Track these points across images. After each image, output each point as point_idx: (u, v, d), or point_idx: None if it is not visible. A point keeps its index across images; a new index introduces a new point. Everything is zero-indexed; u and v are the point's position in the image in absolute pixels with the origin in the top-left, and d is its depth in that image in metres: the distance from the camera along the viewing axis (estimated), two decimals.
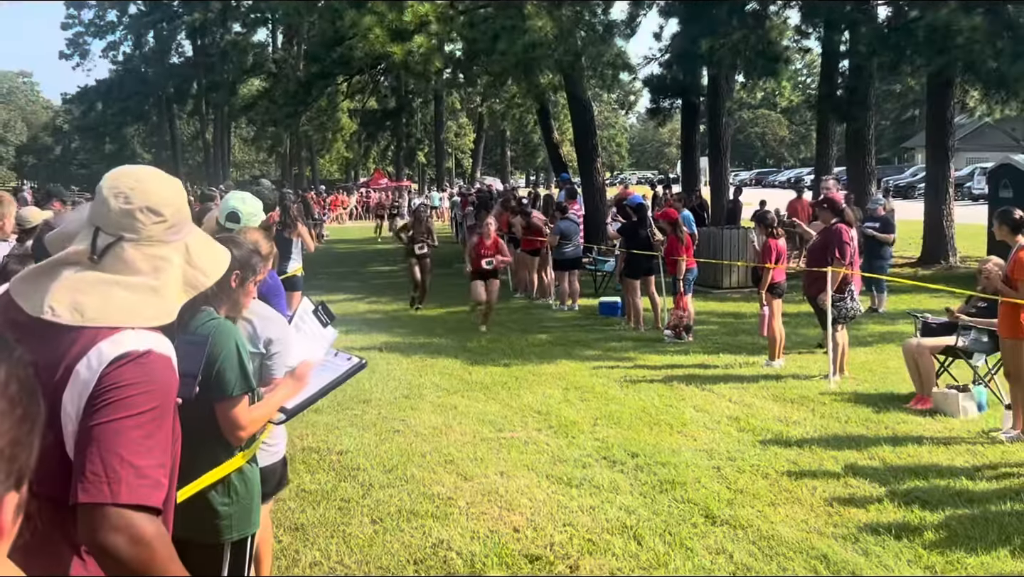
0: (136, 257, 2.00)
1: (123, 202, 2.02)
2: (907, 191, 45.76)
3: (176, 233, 2.08)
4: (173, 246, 2.07)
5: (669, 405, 8.79)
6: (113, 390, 1.81)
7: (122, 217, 2.01)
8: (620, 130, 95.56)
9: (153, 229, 2.03)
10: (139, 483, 1.77)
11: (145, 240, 2.02)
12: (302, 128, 44.44)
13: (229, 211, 5.36)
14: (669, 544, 5.43)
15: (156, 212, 2.04)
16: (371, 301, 17.13)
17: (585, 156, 23.22)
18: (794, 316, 12.92)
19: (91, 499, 1.73)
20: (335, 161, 65.50)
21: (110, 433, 1.78)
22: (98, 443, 1.77)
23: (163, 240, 2.05)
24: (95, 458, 1.76)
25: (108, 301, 1.92)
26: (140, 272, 1.99)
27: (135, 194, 2.03)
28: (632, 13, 22.44)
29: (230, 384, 3.10)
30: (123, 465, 1.76)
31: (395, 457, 7.17)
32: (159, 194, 2.06)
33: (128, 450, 1.77)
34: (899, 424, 8.05)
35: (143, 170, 2.14)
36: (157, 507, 1.80)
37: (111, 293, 1.93)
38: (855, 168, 21.11)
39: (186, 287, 2.07)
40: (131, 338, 1.88)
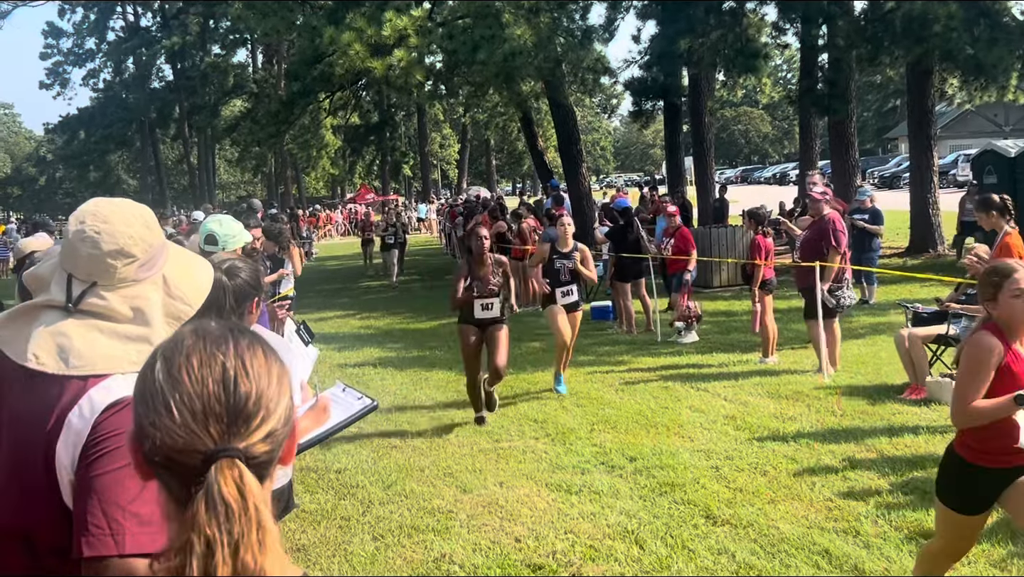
0: (113, 301, 1.97)
1: (91, 247, 1.97)
2: (892, 181, 45.94)
3: (150, 268, 2.04)
4: (150, 281, 2.03)
5: (665, 407, 8.80)
6: (108, 439, 1.79)
7: (92, 264, 1.97)
8: (604, 134, 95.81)
9: (125, 271, 1.99)
10: (142, 531, 1.75)
11: (119, 282, 1.98)
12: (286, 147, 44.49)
13: (207, 234, 5.35)
14: (671, 547, 5.43)
15: (126, 254, 1.99)
16: (363, 317, 17.11)
17: (570, 161, 23.24)
18: (785, 312, 12.94)
19: (96, 553, 1.73)
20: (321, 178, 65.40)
21: (109, 484, 1.76)
22: (98, 495, 1.75)
23: (137, 279, 2.01)
24: (96, 511, 1.74)
25: (92, 348, 1.89)
26: (120, 316, 1.96)
27: (102, 238, 1.98)
28: (610, 17, 22.49)
29: None
30: (125, 516, 1.75)
31: (393, 473, 7.16)
32: (126, 234, 2.00)
33: (128, 499, 1.76)
34: (895, 415, 8.07)
35: (108, 207, 2.06)
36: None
37: (94, 340, 1.90)
38: (839, 161, 21.18)
39: (169, 320, 2.03)
40: (121, 384, 1.86)
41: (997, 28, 16.32)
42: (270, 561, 1.10)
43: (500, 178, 79.38)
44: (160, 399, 1.17)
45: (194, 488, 1.12)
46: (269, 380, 1.22)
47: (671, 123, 25.06)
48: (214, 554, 1.08)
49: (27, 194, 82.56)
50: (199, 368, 1.18)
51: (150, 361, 1.23)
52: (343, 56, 18.95)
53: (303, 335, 4.40)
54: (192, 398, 1.16)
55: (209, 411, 1.16)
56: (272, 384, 1.22)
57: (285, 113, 26.26)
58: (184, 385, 1.17)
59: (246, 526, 1.10)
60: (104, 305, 1.96)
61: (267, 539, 1.11)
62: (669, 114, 24.61)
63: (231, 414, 1.16)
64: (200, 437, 1.15)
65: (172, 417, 1.15)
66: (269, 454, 1.20)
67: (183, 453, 1.15)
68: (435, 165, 67.03)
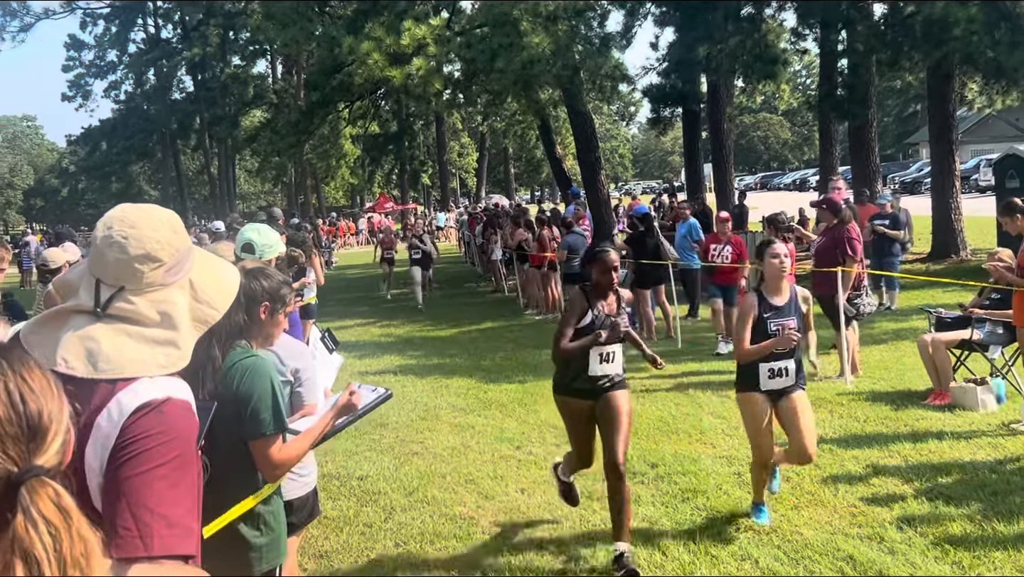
0: (141, 305, 1.98)
1: (118, 252, 1.99)
2: (913, 186, 45.68)
3: (177, 272, 2.06)
4: (176, 286, 2.05)
5: (687, 413, 8.77)
6: (136, 442, 1.81)
7: (120, 268, 1.99)
8: (622, 141, 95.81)
9: (152, 276, 2.01)
10: (171, 533, 1.77)
11: (146, 287, 2.00)
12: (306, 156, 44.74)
13: (244, 242, 5.38)
14: (694, 553, 5.42)
15: (153, 258, 2.01)
16: (383, 325, 17.15)
17: (589, 169, 23.25)
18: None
19: (125, 554, 1.74)
20: (340, 188, 65.73)
21: (137, 486, 1.78)
22: (127, 497, 1.77)
23: (165, 283, 2.03)
24: (125, 513, 1.76)
25: (120, 353, 1.91)
26: (148, 320, 1.97)
27: (130, 243, 2.00)
28: (628, 24, 22.52)
29: (265, 423, 3.10)
30: (154, 517, 1.76)
31: (415, 480, 7.17)
32: (154, 239, 2.02)
33: (157, 501, 1.78)
34: (918, 421, 8.02)
35: (136, 213, 2.08)
36: (191, 554, 1.81)
37: (122, 344, 1.92)
38: (860, 166, 21.09)
39: (196, 324, 2.05)
40: (149, 387, 1.88)
41: (1018, 31, 16.20)
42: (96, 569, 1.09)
43: (519, 186, 79.46)
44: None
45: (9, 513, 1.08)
46: (52, 393, 1.20)
47: (690, 130, 25.05)
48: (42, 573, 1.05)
49: (50, 205, 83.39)
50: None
51: None
52: (362, 66, 19.06)
53: (327, 343, 4.42)
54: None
55: (5, 435, 1.13)
56: (55, 397, 1.20)
57: (305, 123, 26.38)
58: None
59: (71, 542, 1.07)
60: (132, 309, 1.97)
61: (90, 549, 1.08)
62: (688, 121, 24.60)
63: (28, 433, 1.14)
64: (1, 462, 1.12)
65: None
66: (59, 464, 1.19)
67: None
68: (454, 174, 67.18)
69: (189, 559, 1.81)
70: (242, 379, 3.10)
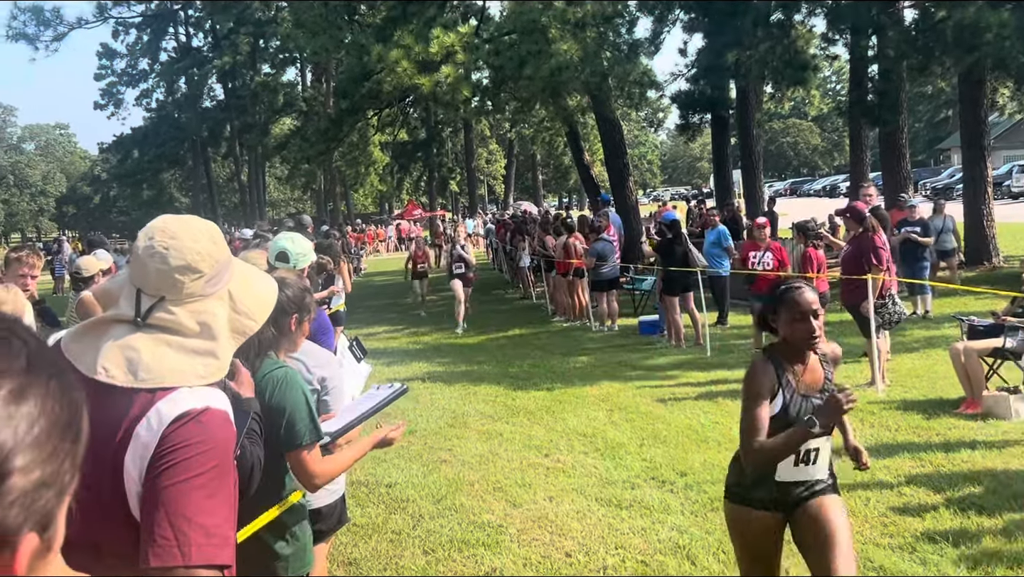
0: (181, 316, 2.01)
1: (159, 263, 2.02)
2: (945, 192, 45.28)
3: (217, 283, 2.08)
4: (216, 297, 2.07)
5: (716, 422, 8.73)
6: (175, 451, 1.83)
7: (161, 279, 2.02)
8: (651, 147, 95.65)
9: (193, 286, 2.03)
10: (208, 543, 1.78)
11: (187, 297, 2.02)
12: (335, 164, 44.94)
13: (279, 251, 5.41)
14: (723, 562, 5.38)
15: (194, 269, 2.03)
16: (411, 332, 17.19)
17: (617, 175, 23.22)
18: (836, 325, 12.79)
19: (163, 563, 1.76)
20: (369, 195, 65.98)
21: (176, 496, 1.80)
22: (165, 507, 1.79)
23: (204, 294, 2.05)
24: (163, 522, 1.78)
25: (160, 362, 1.93)
26: (187, 330, 2.00)
27: (171, 254, 2.02)
28: (656, 30, 22.47)
29: (301, 434, 3.12)
30: (191, 527, 1.78)
31: (443, 487, 7.18)
32: (194, 250, 2.04)
33: (194, 511, 1.79)
34: (950, 430, 7.94)
35: (177, 224, 2.11)
36: (227, 564, 1.82)
37: (162, 354, 1.94)
38: (890, 173, 20.93)
39: (235, 335, 2.07)
40: (188, 396, 1.90)
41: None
42: None
43: (546, 193, 79.46)
44: None
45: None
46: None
47: (719, 136, 24.96)
48: None
49: (82, 212, 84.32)
50: None
51: None
52: (391, 73, 19.15)
53: (356, 351, 4.43)
54: None
55: None
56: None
57: (334, 130, 26.54)
58: None
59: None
60: (172, 320, 2.00)
61: None
62: (717, 127, 24.51)
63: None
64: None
65: None
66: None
67: None
68: (482, 180, 67.26)
69: (225, 569, 1.82)
70: (275, 391, 3.13)
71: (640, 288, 17.81)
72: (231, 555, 1.84)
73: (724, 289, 15.10)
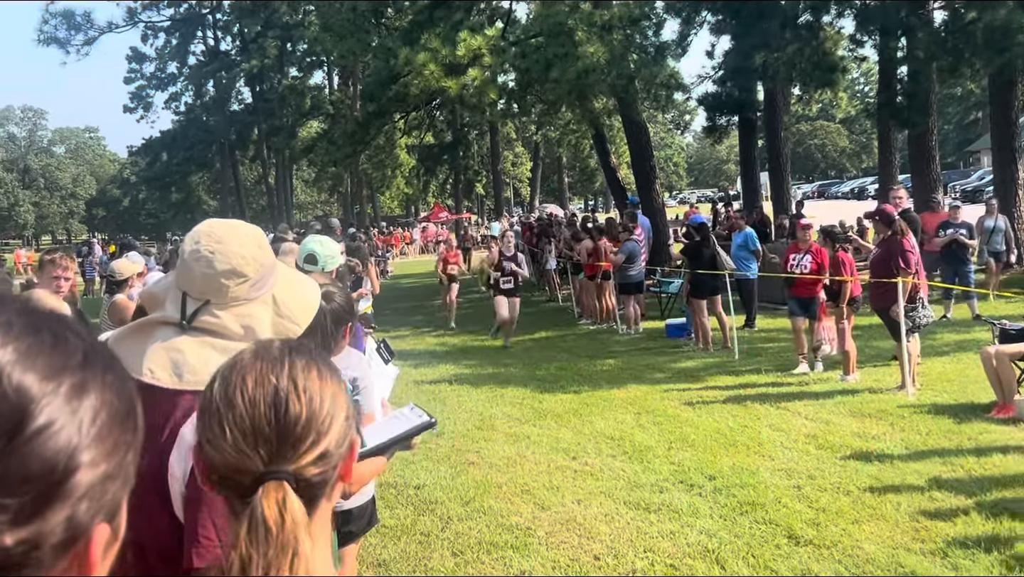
0: (226, 319, 2.04)
1: (205, 267, 2.04)
2: (974, 195, 44.88)
3: (261, 287, 2.10)
4: (260, 301, 2.09)
5: (744, 425, 8.70)
6: None
7: (206, 283, 2.04)
8: (677, 150, 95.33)
9: (238, 290, 2.06)
10: None
11: (231, 301, 2.05)
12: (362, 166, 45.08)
13: (307, 253, 5.45)
14: (753, 567, 5.37)
15: (239, 274, 2.06)
16: (438, 334, 17.23)
17: (643, 178, 23.18)
18: (866, 329, 12.72)
19: (206, 564, 1.78)
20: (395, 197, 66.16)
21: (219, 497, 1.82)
22: (208, 507, 1.81)
23: (249, 298, 2.07)
24: (207, 523, 1.80)
25: (205, 365, 1.95)
26: (231, 333, 2.02)
27: (216, 258, 2.05)
28: (683, 32, 22.43)
29: None
30: None
31: (471, 489, 7.19)
32: (240, 254, 2.07)
33: None
34: (982, 434, 7.87)
35: (223, 229, 2.13)
36: None
37: (207, 356, 1.97)
38: (919, 175, 20.78)
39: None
40: None
41: None
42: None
43: (572, 195, 79.37)
44: (215, 418, 1.19)
45: (245, 505, 1.15)
46: (322, 402, 1.22)
47: (746, 138, 24.87)
48: (248, 571, 1.09)
49: (111, 215, 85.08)
50: (252, 389, 1.20)
51: (211, 379, 1.26)
52: (418, 76, 19.22)
53: (383, 353, 4.45)
54: (243, 419, 1.18)
55: (259, 433, 1.17)
56: (326, 405, 1.22)
57: (361, 133, 26.64)
58: (237, 406, 1.19)
59: (280, 550, 1.11)
60: (217, 323, 2.02)
61: (299, 564, 1.11)
62: (744, 129, 24.42)
63: (279, 437, 1.17)
64: (250, 458, 1.16)
65: (224, 436, 1.17)
66: (322, 476, 1.21)
67: (235, 472, 1.17)
68: (507, 183, 67.28)
69: None
70: None
71: (667, 291, 17.77)
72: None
73: (752, 292, 15.05)
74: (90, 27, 53.49)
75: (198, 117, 62.60)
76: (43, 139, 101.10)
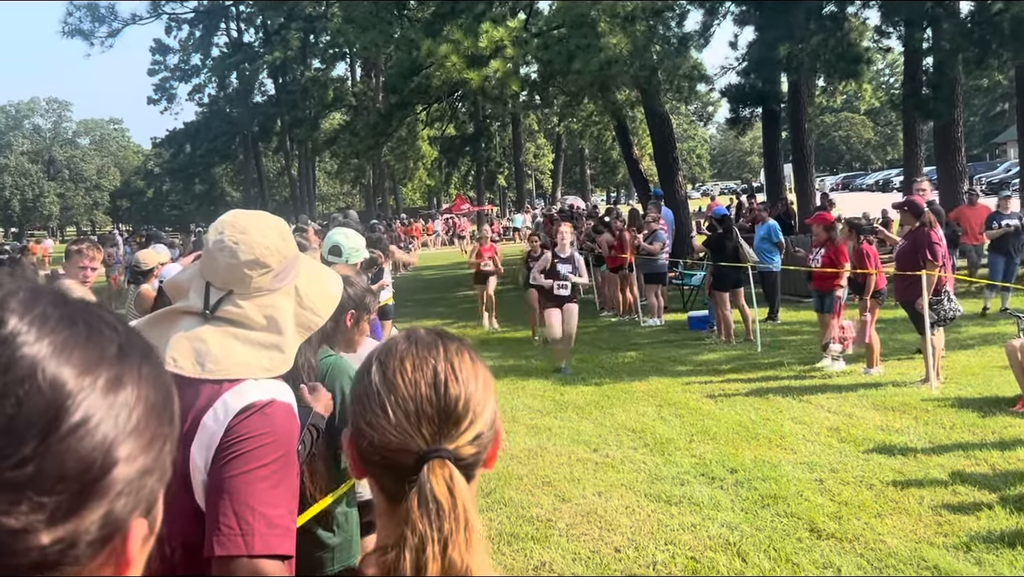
0: (248, 309, 2.05)
1: (229, 257, 2.06)
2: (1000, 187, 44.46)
3: (284, 278, 2.12)
4: (283, 291, 2.11)
5: (766, 418, 8.67)
6: (240, 442, 1.87)
7: (229, 273, 2.06)
8: (700, 142, 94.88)
9: (260, 281, 2.07)
10: (271, 533, 1.82)
11: (254, 291, 2.07)
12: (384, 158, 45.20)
13: (332, 245, 5.46)
14: (774, 560, 5.35)
15: (262, 264, 2.07)
16: (459, 326, 17.24)
17: (666, 170, 23.09)
18: (890, 322, 12.64)
19: (227, 552, 1.80)
20: (417, 189, 66.27)
21: (240, 485, 1.83)
22: (230, 496, 1.83)
23: (272, 288, 2.09)
24: (228, 511, 1.82)
25: (228, 354, 1.97)
26: (254, 323, 2.04)
27: (240, 248, 2.06)
28: (706, 23, 22.28)
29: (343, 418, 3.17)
30: (255, 517, 1.82)
31: (492, 480, 7.20)
32: (263, 245, 2.08)
33: (258, 501, 1.83)
34: (1006, 428, 7.81)
35: (246, 219, 2.15)
36: (289, 554, 1.85)
37: (230, 346, 1.99)
38: (945, 167, 20.60)
39: (299, 329, 2.11)
40: (254, 389, 1.94)
41: None
42: (476, 560, 1.14)
43: (595, 187, 79.21)
44: (376, 400, 1.23)
45: (407, 486, 1.18)
46: (477, 384, 1.26)
47: (770, 130, 24.70)
48: (425, 550, 1.12)
49: (135, 206, 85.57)
50: (412, 371, 1.24)
51: (365, 365, 1.29)
52: (440, 68, 19.19)
53: None
54: (406, 400, 1.22)
55: (422, 413, 1.21)
56: (479, 388, 1.26)
57: (383, 125, 26.66)
58: (399, 388, 1.22)
59: (455, 524, 1.14)
60: (239, 313, 2.04)
61: (473, 538, 1.15)
62: (767, 121, 24.25)
63: (442, 416, 1.21)
64: (413, 438, 1.20)
65: (387, 418, 1.21)
66: (476, 456, 1.24)
67: (397, 452, 1.20)
68: (529, 175, 67.23)
69: (287, 559, 1.86)
70: (325, 378, 3.20)
71: (689, 283, 17.71)
72: (292, 546, 1.87)
73: (775, 285, 14.98)
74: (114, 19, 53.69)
75: (221, 109, 62.81)
76: (68, 131, 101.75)
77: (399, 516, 1.16)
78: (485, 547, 1.18)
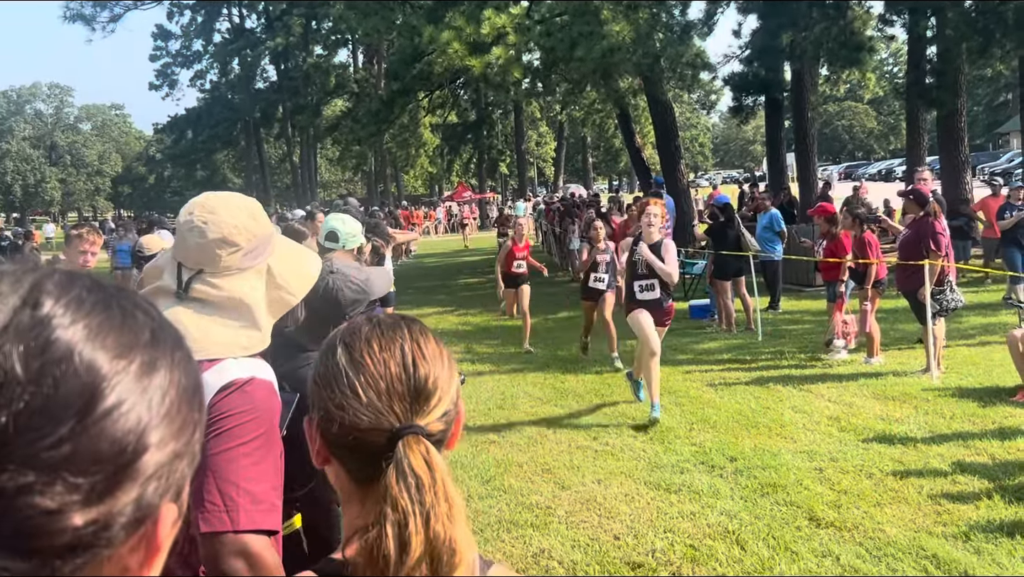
0: (220, 288, 2.07)
1: (198, 236, 2.08)
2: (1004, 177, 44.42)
3: (255, 257, 2.13)
4: (254, 271, 2.12)
5: (766, 407, 8.67)
6: (222, 420, 1.87)
7: (199, 252, 2.08)
8: (702, 130, 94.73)
9: (230, 259, 2.09)
10: (255, 509, 1.83)
11: (224, 270, 2.08)
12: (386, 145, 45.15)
13: (328, 231, 5.45)
14: (773, 548, 5.36)
15: (231, 243, 2.09)
16: (461, 313, 17.24)
17: (668, 158, 23.05)
18: (891, 312, 12.63)
19: (212, 529, 1.80)
20: (419, 176, 66.18)
21: (224, 463, 1.84)
22: (214, 473, 1.83)
23: (242, 267, 2.10)
24: (212, 488, 1.82)
25: (206, 335, 1.98)
26: (225, 303, 2.05)
27: (209, 228, 2.08)
28: (709, 11, 22.22)
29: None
30: (239, 493, 1.82)
31: (492, 468, 7.21)
32: (231, 224, 2.10)
33: (242, 478, 1.84)
34: (1006, 418, 7.81)
35: (216, 200, 2.17)
36: (274, 529, 1.86)
37: (205, 327, 2.00)
38: (948, 156, 20.57)
39: (273, 308, 2.12)
40: (233, 367, 1.95)
41: None
42: (459, 532, 1.16)
43: (597, 175, 79.14)
44: (345, 382, 1.24)
45: (384, 463, 1.18)
46: (442, 362, 1.28)
47: (772, 119, 24.66)
48: (407, 524, 1.13)
49: (137, 192, 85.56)
50: (380, 351, 1.25)
51: (328, 348, 1.30)
52: (442, 55, 19.15)
53: None
54: (376, 379, 1.23)
55: (393, 391, 1.22)
56: (445, 366, 1.28)
57: (385, 112, 26.62)
58: (367, 367, 1.24)
59: (435, 497, 1.15)
60: (211, 292, 2.07)
61: (455, 511, 1.16)
62: (770, 109, 24.21)
63: (412, 393, 1.23)
64: (385, 416, 1.21)
65: (358, 398, 1.22)
66: (443, 433, 1.26)
67: (368, 432, 1.21)
68: (531, 163, 67.14)
69: (272, 534, 1.86)
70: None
71: (691, 272, 17.70)
72: (278, 521, 1.88)
73: (776, 274, 14.97)
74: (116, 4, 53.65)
75: (223, 95, 62.71)
76: (69, 116, 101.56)
77: (375, 495, 1.17)
78: (466, 520, 1.19)
